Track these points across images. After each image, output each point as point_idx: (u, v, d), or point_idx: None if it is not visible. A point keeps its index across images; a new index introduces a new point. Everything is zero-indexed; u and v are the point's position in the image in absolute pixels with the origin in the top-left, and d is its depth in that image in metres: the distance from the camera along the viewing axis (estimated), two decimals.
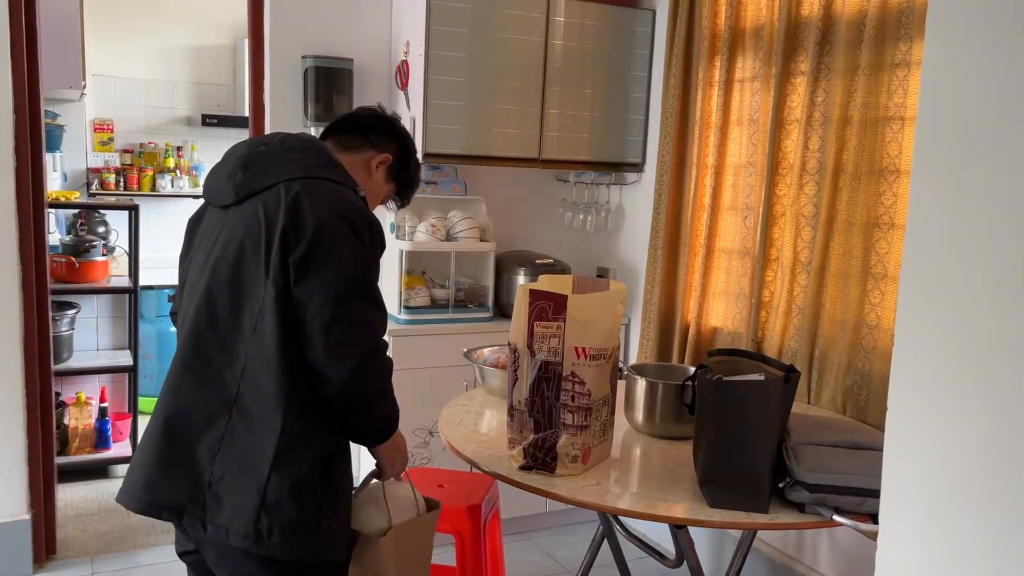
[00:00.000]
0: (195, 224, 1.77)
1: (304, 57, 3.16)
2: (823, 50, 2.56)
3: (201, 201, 1.80)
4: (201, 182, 5.00)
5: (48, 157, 3.29)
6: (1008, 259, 0.98)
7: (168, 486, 1.55)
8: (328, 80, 3.16)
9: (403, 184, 1.92)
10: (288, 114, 3.19)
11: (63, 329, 3.86)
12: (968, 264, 1.03)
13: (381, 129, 1.87)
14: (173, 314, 1.82)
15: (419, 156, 3.02)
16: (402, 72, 3.19)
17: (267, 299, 1.54)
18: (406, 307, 3.17)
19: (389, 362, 1.64)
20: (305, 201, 1.56)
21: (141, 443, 1.64)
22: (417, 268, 3.35)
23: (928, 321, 1.08)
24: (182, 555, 1.76)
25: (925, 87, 1.09)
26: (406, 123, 3.17)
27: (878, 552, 1.15)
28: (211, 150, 5.12)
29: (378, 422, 1.69)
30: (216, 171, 1.72)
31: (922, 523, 1.09)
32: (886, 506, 1.14)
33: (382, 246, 1.68)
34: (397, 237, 3.19)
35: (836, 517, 1.68)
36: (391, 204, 1.98)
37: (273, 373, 1.54)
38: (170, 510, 1.55)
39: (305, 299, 1.53)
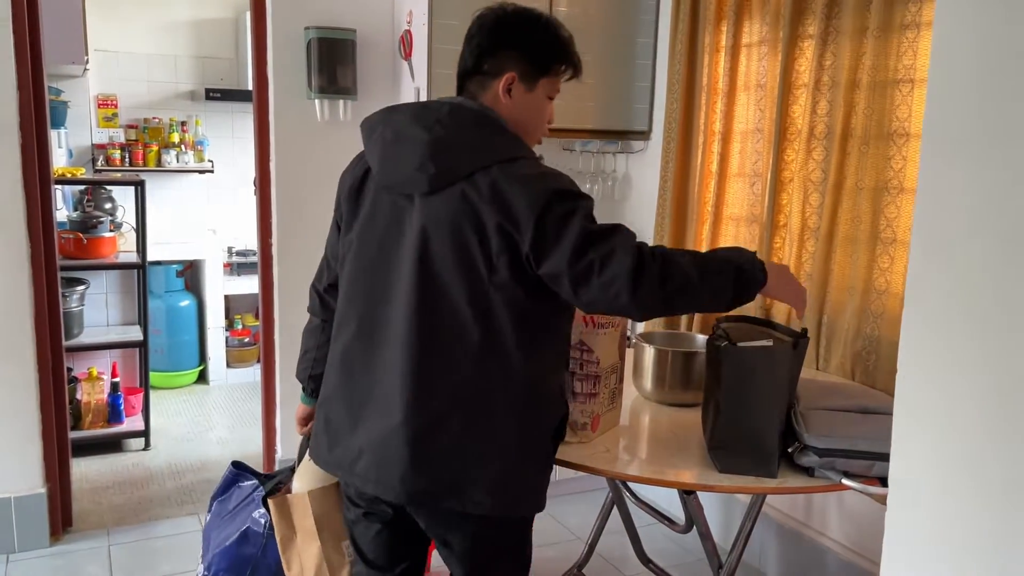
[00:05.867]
0: (357, 194, 1.67)
1: (307, 28, 3.13)
2: (831, 12, 2.52)
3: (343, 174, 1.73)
4: (206, 157, 5.03)
5: (53, 134, 3.28)
6: (1019, 221, 0.97)
7: (422, 480, 1.57)
8: (331, 51, 3.14)
9: (550, 66, 1.66)
10: (292, 86, 3.17)
11: (73, 305, 3.88)
12: (978, 227, 1.02)
13: (487, 50, 1.63)
14: (331, 286, 1.80)
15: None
16: (405, 42, 3.16)
17: (495, 294, 1.52)
18: None
19: (659, 258, 1.53)
20: (508, 190, 1.51)
21: (362, 436, 1.61)
22: None
23: (938, 284, 1.08)
24: (367, 513, 1.72)
25: (935, 49, 1.08)
26: (410, 94, 3.15)
27: (887, 515, 1.16)
28: (215, 124, 5.10)
29: (710, 292, 1.56)
30: (390, 153, 1.59)
31: (932, 486, 1.09)
32: (896, 469, 1.15)
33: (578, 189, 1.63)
34: None
35: (845, 481, 1.68)
36: (575, 83, 1.76)
37: (509, 369, 1.56)
38: (432, 497, 1.59)
39: (556, 273, 1.50)
